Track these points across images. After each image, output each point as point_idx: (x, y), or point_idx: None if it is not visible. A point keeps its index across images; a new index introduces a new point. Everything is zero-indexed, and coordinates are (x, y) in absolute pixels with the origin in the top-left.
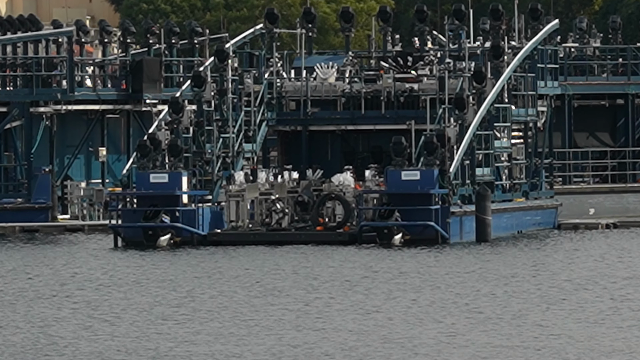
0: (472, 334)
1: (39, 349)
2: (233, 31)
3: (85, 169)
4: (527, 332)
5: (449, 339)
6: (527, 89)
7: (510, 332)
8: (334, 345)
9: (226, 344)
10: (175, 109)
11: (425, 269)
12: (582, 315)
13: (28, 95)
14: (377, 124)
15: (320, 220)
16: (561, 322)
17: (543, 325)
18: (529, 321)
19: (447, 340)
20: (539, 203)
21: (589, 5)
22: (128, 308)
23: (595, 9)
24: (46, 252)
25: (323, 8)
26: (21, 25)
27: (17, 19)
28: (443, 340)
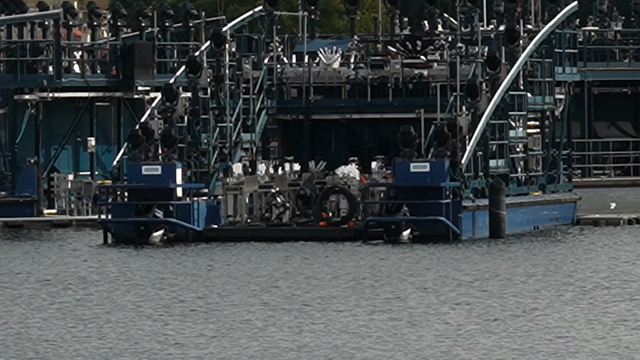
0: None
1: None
2: (230, 14)
3: (73, 160)
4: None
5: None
6: (544, 76)
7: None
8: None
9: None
10: (169, 97)
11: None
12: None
13: (12, 81)
14: (384, 113)
15: (323, 215)
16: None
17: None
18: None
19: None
20: (557, 197)
21: None
22: (112, 310)
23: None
24: (31, 249)
25: None
26: (5, 8)
27: (0, 0)
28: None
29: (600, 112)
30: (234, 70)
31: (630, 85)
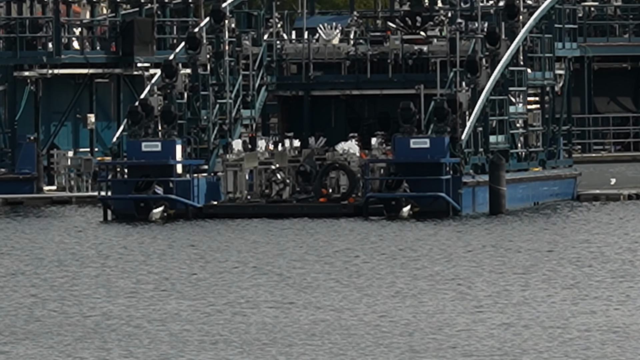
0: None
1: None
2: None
3: (72, 137)
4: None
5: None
6: (543, 51)
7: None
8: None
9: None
10: (169, 73)
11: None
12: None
13: (11, 58)
14: (383, 89)
15: (323, 191)
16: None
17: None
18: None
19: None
20: (557, 173)
21: None
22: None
23: None
24: (30, 225)
25: None
26: None
27: None
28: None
29: (600, 88)
30: (234, 47)
31: (630, 60)
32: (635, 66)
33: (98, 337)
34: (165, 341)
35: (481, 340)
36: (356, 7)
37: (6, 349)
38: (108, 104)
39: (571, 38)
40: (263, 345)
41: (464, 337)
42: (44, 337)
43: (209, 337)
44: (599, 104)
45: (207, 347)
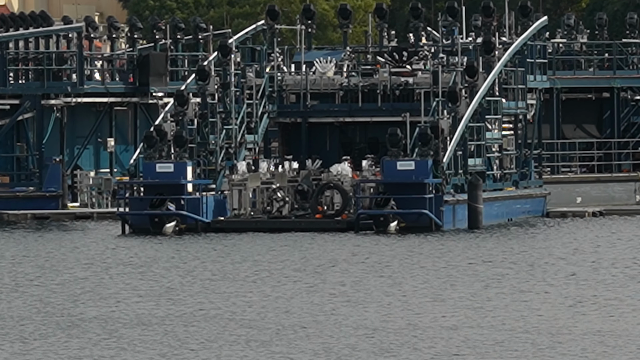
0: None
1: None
2: (236, 27)
3: (94, 158)
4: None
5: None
6: (517, 83)
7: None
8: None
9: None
10: (181, 102)
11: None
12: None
13: (39, 88)
14: (373, 116)
15: (319, 208)
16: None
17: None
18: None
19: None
20: (529, 192)
21: (576, 3)
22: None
23: (582, 6)
24: (56, 238)
25: (322, 5)
26: (33, 21)
27: (29, 15)
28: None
29: (567, 116)
30: (239, 78)
31: (595, 91)
32: (599, 96)
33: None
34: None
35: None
36: (349, 43)
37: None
38: (126, 129)
39: (541, 71)
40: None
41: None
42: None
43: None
44: (566, 131)
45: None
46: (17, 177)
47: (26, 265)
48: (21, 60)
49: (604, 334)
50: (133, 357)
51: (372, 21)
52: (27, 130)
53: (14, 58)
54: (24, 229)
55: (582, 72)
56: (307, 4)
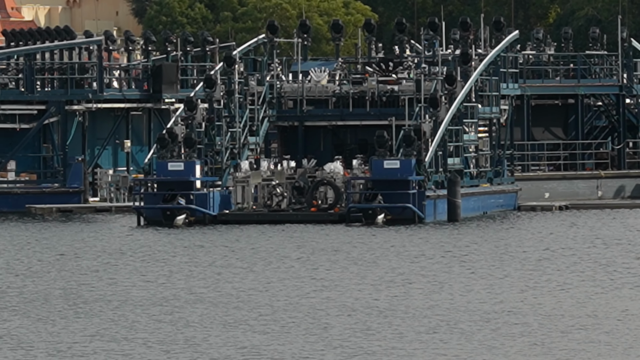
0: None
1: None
2: (239, 40)
3: (112, 158)
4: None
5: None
6: (491, 90)
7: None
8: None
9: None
10: (190, 107)
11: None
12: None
13: (63, 95)
14: (362, 120)
15: (314, 202)
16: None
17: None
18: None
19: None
20: (502, 188)
21: (544, 18)
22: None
23: (550, 22)
24: (78, 229)
25: (317, 20)
26: (57, 35)
27: (54, 29)
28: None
29: (536, 120)
30: (242, 86)
31: (561, 98)
32: (565, 102)
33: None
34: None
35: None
36: (341, 54)
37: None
38: (141, 131)
39: (513, 80)
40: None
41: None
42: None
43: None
44: (536, 133)
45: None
46: (44, 175)
47: (52, 252)
48: (47, 70)
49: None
50: (141, 333)
51: (362, 35)
52: (53, 133)
53: (41, 68)
54: (49, 221)
55: (549, 81)
56: (303, 20)
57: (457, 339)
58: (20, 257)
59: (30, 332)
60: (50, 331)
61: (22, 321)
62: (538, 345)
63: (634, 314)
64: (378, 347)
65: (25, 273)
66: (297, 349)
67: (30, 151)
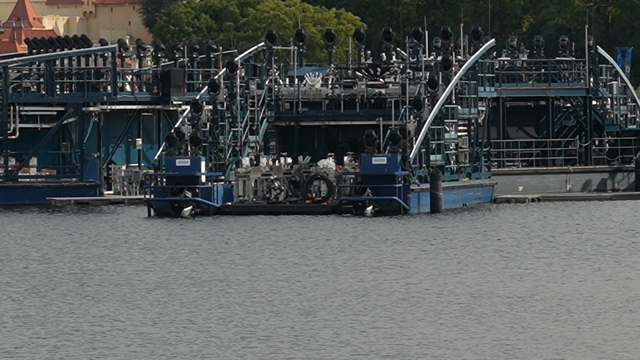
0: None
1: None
2: (241, 48)
3: (125, 155)
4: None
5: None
6: (470, 93)
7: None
8: None
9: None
10: (196, 109)
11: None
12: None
13: (81, 97)
14: (353, 121)
15: (308, 195)
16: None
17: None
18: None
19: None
20: (479, 182)
21: (518, 28)
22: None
23: (523, 31)
24: (94, 219)
25: (311, 29)
26: (75, 43)
27: (72, 38)
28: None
29: (511, 120)
30: (243, 90)
31: (533, 100)
32: (537, 104)
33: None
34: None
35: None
36: (333, 60)
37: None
38: (151, 131)
39: (490, 84)
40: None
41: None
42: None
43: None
44: (510, 132)
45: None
46: (63, 170)
47: (73, 238)
48: (66, 75)
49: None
50: (145, 313)
51: (352, 43)
52: (71, 132)
53: (60, 73)
54: (68, 212)
55: (523, 84)
56: (299, 29)
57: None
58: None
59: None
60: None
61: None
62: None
63: (584, 292)
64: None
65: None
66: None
67: (50, 149)
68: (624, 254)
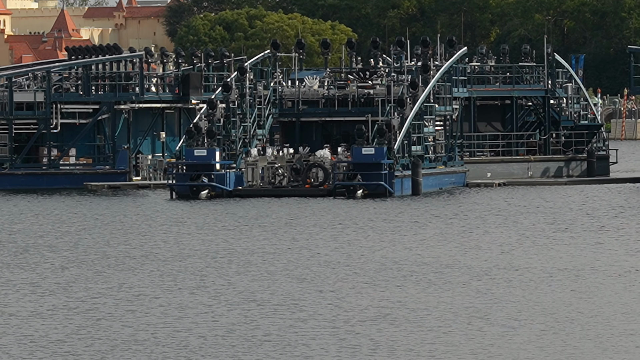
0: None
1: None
2: (249, 55)
3: (151, 146)
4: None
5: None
6: (445, 93)
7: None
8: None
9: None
10: (211, 107)
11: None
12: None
13: (113, 97)
14: (345, 117)
15: (308, 180)
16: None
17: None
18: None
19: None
20: (454, 169)
21: (487, 38)
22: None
23: (491, 40)
24: (125, 201)
25: (310, 39)
26: (108, 50)
27: (105, 46)
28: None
29: (480, 116)
30: (252, 90)
31: (500, 99)
32: (503, 103)
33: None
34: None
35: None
36: (329, 65)
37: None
38: (173, 125)
39: (463, 85)
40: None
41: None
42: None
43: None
44: (480, 127)
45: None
46: (97, 159)
47: (109, 216)
48: (100, 78)
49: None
50: (167, 283)
51: (345, 50)
52: (104, 127)
53: (95, 76)
54: (102, 195)
55: (491, 86)
56: (299, 39)
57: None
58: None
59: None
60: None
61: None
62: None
63: (536, 266)
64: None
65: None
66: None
67: (87, 141)
68: (574, 229)
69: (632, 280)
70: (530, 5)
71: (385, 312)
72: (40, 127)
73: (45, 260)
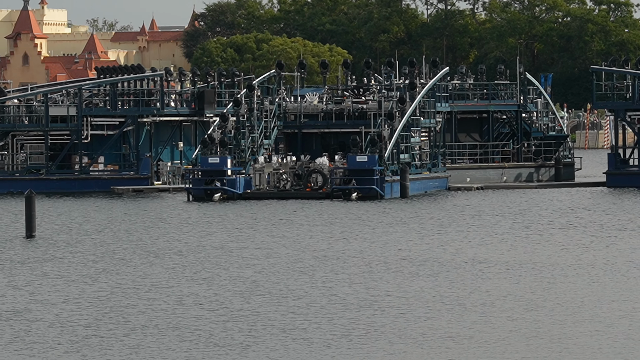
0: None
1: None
2: (257, 74)
3: (170, 154)
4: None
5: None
6: (430, 108)
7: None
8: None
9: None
10: (223, 119)
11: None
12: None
13: (137, 111)
14: (342, 128)
15: (309, 185)
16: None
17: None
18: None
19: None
20: (437, 175)
21: (466, 59)
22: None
23: (470, 61)
24: (147, 202)
25: (310, 60)
26: (132, 70)
27: (130, 66)
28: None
29: (461, 128)
30: (259, 105)
31: (478, 113)
32: (480, 116)
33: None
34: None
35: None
36: (327, 83)
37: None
38: (190, 136)
39: (445, 101)
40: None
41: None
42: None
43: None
44: (460, 137)
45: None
46: (123, 166)
47: (133, 215)
48: (125, 94)
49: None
50: (179, 275)
51: (341, 70)
52: (129, 137)
53: (121, 93)
54: (127, 197)
55: (470, 101)
56: (301, 60)
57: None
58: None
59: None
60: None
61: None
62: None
63: (514, 259)
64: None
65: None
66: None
67: (114, 150)
68: (541, 223)
69: (582, 272)
70: (505, 30)
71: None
72: (73, 137)
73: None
